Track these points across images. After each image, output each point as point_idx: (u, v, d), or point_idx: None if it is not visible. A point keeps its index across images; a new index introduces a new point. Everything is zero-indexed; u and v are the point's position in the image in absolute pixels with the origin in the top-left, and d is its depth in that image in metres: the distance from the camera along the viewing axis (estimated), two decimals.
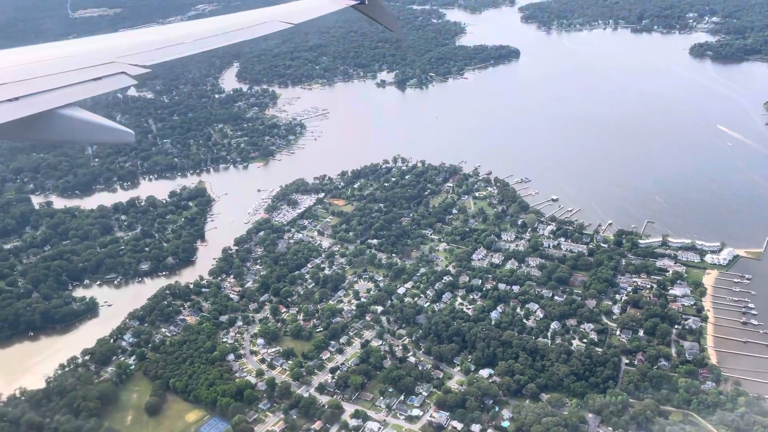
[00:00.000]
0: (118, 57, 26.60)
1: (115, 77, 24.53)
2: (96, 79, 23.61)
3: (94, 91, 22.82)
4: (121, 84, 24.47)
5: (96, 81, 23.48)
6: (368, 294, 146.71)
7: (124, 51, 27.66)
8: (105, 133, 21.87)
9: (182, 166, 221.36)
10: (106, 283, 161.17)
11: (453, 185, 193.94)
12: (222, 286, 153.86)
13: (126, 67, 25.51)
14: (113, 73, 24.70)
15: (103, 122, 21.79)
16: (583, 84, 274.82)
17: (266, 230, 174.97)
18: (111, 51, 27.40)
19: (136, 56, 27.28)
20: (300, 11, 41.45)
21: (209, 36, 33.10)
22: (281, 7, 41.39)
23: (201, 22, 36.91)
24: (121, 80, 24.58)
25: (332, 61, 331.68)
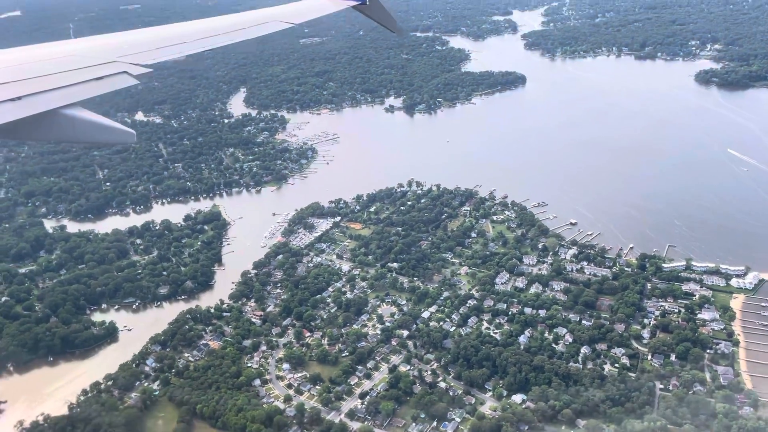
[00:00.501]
0: (119, 56, 26.54)
1: (118, 77, 24.48)
2: (98, 78, 23.58)
3: (96, 90, 22.77)
4: (123, 84, 24.36)
5: (98, 80, 23.47)
6: (392, 318, 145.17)
7: (125, 50, 27.58)
8: (107, 133, 21.75)
9: (195, 190, 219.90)
10: (124, 308, 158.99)
11: (470, 209, 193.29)
12: (243, 311, 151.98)
13: (128, 67, 25.51)
14: (115, 73, 24.65)
15: (105, 122, 21.67)
16: (591, 109, 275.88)
17: (285, 254, 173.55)
18: (112, 50, 27.33)
19: (137, 55, 27.29)
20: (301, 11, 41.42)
21: (211, 35, 32.81)
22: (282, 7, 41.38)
23: (202, 22, 36.09)
24: (124, 80, 24.50)
25: (340, 86, 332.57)
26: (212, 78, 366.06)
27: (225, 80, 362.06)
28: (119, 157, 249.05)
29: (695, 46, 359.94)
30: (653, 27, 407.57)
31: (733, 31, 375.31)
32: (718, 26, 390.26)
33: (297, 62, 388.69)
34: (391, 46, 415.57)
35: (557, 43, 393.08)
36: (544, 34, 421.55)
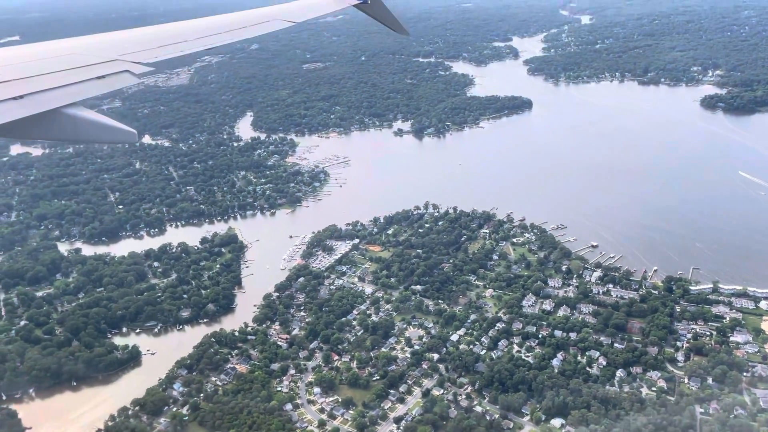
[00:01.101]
0: (120, 54, 26.62)
1: (119, 75, 24.52)
2: (100, 77, 23.66)
3: (98, 89, 22.87)
4: (125, 83, 24.42)
5: (100, 79, 23.55)
6: (421, 341, 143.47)
7: (126, 48, 27.70)
8: (108, 132, 21.74)
9: (210, 213, 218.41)
10: (145, 331, 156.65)
11: (488, 231, 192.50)
12: (268, 334, 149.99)
13: (129, 65, 25.59)
14: (117, 72, 24.71)
15: (107, 121, 21.64)
16: (600, 133, 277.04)
17: (306, 276, 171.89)
18: (112, 48, 27.46)
19: (138, 54, 27.36)
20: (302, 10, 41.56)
21: (211, 34, 33.03)
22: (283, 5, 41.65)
23: (203, 20, 36.35)
24: (125, 79, 24.56)
25: (347, 110, 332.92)
26: (218, 102, 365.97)
27: (231, 104, 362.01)
28: (130, 180, 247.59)
29: (697, 72, 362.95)
30: (654, 53, 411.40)
31: (733, 57, 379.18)
32: (718, 53, 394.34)
33: (302, 86, 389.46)
34: (395, 71, 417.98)
35: (560, 68, 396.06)
36: (546, 60, 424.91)
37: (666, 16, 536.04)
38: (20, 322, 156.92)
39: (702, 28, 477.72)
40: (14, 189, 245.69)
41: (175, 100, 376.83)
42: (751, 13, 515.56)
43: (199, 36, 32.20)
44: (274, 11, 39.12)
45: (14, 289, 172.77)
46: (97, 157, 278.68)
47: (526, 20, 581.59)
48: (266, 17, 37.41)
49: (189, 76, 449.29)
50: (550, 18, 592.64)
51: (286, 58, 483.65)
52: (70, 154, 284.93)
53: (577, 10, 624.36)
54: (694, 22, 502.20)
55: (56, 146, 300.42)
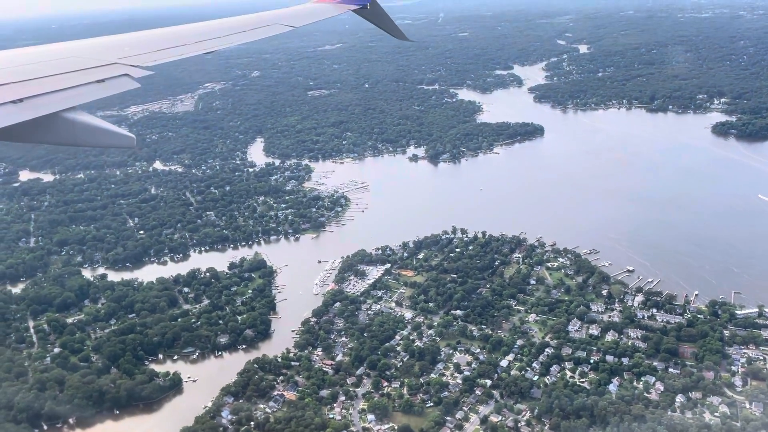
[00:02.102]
0: (120, 58, 26.53)
1: (119, 79, 24.42)
2: (99, 81, 23.50)
3: (98, 93, 22.73)
4: (124, 87, 24.30)
5: (99, 83, 23.37)
6: (470, 367, 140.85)
7: (125, 52, 27.60)
8: (107, 136, 21.37)
9: (234, 238, 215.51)
10: (182, 358, 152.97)
11: (521, 256, 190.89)
12: (312, 359, 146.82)
13: (129, 69, 25.51)
14: (116, 75, 24.60)
15: (106, 126, 21.41)
16: (617, 160, 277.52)
17: (342, 301, 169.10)
18: (111, 52, 27.33)
19: (137, 57, 27.29)
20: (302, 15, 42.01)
21: (211, 38, 33.02)
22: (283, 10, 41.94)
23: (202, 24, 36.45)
24: (125, 83, 24.46)
25: (359, 136, 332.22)
26: (227, 128, 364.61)
27: (240, 130, 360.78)
28: (149, 205, 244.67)
29: (703, 99, 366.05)
30: (657, 81, 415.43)
31: (737, 85, 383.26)
32: (721, 81, 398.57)
33: (310, 113, 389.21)
34: (401, 98, 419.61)
35: (567, 95, 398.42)
36: (551, 88, 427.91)
37: (663, 45, 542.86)
38: (53, 349, 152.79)
39: (701, 57, 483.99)
40: (29, 215, 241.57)
41: (183, 126, 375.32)
42: (747, 43, 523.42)
43: (198, 40, 32.25)
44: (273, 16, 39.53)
45: (43, 316, 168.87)
46: (111, 183, 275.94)
47: (524, 49, 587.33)
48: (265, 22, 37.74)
49: (193, 102, 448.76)
50: (548, 47, 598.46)
51: (289, 85, 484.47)
52: (82, 180, 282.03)
53: (573, 40, 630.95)
54: (692, 51, 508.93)
55: (67, 172, 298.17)
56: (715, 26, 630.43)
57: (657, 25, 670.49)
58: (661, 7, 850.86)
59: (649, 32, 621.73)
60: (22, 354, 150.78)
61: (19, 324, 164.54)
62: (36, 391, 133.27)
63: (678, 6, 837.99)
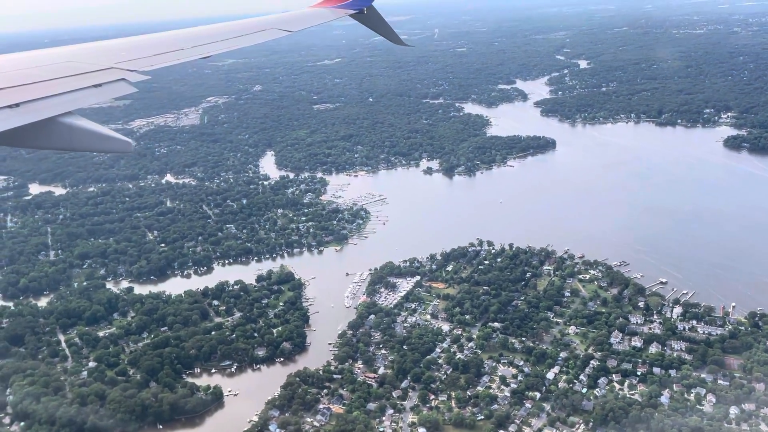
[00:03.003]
0: (116, 63, 26.49)
1: (116, 84, 24.36)
2: (96, 85, 23.49)
3: (95, 98, 22.77)
4: (121, 91, 24.23)
5: (96, 88, 23.37)
6: (516, 379, 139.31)
7: (122, 56, 27.61)
8: (104, 141, 21.31)
9: (257, 251, 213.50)
10: (219, 371, 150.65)
11: (551, 268, 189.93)
12: (354, 372, 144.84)
13: (126, 74, 25.48)
14: (113, 80, 24.55)
15: (102, 131, 21.28)
16: (634, 173, 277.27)
17: (378, 314, 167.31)
18: (108, 56, 27.39)
19: (134, 62, 27.26)
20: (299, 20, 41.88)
21: (208, 42, 33.07)
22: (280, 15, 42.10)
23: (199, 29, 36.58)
24: (122, 88, 24.37)
25: (370, 149, 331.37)
26: (236, 141, 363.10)
27: (249, 143, 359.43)
28: (167, 218, 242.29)
29: (710, 114, 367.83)
30: (663, 96, 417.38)
31: (743, 100, 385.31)
32: (726, 96, 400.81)
33: (318, 126, 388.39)
34: (408, 112, 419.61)
35: (574, 109, 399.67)
36: (557, 102, 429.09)
37: (664, 61, 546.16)
38: (88, 363, 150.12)
39: (702, 73, 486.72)
40: (45, 228, 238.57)
41: (190, 139, 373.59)
42: (746, 58, 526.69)
43: (195, 44, 32.10)
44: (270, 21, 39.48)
45: (73, 329, 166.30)
46: (125, 196, 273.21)
47: (525, 64, 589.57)
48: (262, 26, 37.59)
49: (198, 116, 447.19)
50: (548, 62, 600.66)
51: (293, 99, 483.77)
52: (95, 193, 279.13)
53: (572, 55, 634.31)
54: (693, 67, 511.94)
55: (78, 185, 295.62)
56: (712, 42, 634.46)
57: (654, 42, 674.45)
58: (655, 23, 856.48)
59: (646, 48, 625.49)
60: (56, 368, 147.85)
61: (50, 338, 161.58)
62: (77, 406, 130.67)
63: (672, 23, 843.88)
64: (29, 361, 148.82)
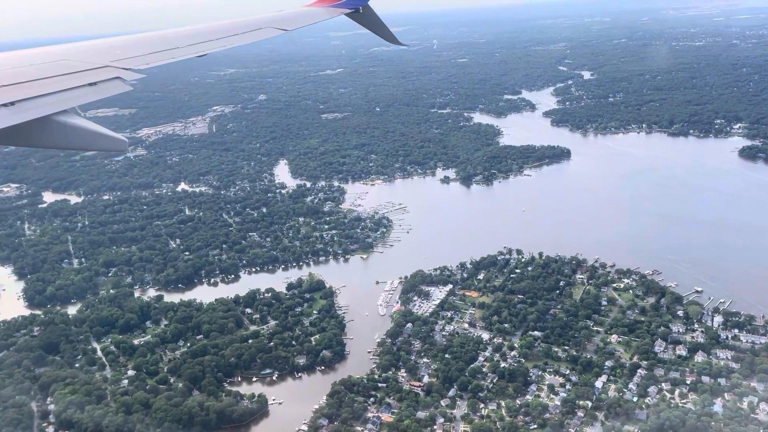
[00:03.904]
0: (112, 61, 26.45)
1: (111, 83, 24.33)
2: (91, 84, 23.47)
3: (90, 97, 22.73)
4: (116, 90, 24.18)
5: (91, 86, 23.34)
6: (564, 388, 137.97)
7: (117, 55, 27.53)
8: (99, 140, 21.21)
9: (284, 259, 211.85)
10: (260, 379, 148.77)
11: (584, 277, 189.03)
12: (398, 380, 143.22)
13: (121, 72, 25.45)
14: (108, 78, 24.52)
15: (97, 129, 21.18)
16: (654, 183, 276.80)
17: (415, 322, 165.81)
18: (103, 55, 27.30)
19: (129, 60, 27.18)
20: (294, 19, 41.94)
21: (203, 41, 33.10)
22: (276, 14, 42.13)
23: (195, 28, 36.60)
24: (117, 86, 24.33)
25: (385, 158, 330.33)
26: (248, 150, 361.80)
27: (261, 152, 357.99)
28: (188, 227, 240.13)
29: (721, 124, 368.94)
30: (671, 107, 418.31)
31: (753, 111, 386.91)
32: (735, 107, 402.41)
33: (328, 136, 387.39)
34: (417, 121, 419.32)
35: (584, 119, 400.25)
36: (567, 112, 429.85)
37: (668, 72, 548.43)
38: (126, 371, 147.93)
39: (708, 84, 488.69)
40: (66, 236, 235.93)
41: (201, 148, 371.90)
42: (750, 70, 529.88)
43: (190, 43, 32.06)
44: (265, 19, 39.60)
45: (107, 338, 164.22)
46: (142, 204, 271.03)
47: (529, 75, 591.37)
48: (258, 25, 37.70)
49: (206, 125, 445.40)
50: (551, 73, 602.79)
51: (300, 109, 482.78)
52: (111, 201, 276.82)
53: (574, 66, 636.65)
54: (698, 78, 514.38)
55: (93, 193, 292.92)
56: (713, 54, 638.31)
57: (655, 53, 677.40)
58: (653, 36, 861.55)
59: (648, 60, 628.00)
60: (95, 376, 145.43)
61: (84, 346, 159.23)
62: (123, 415, 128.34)
63: (671, 35, 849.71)
64: (67, 369, 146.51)
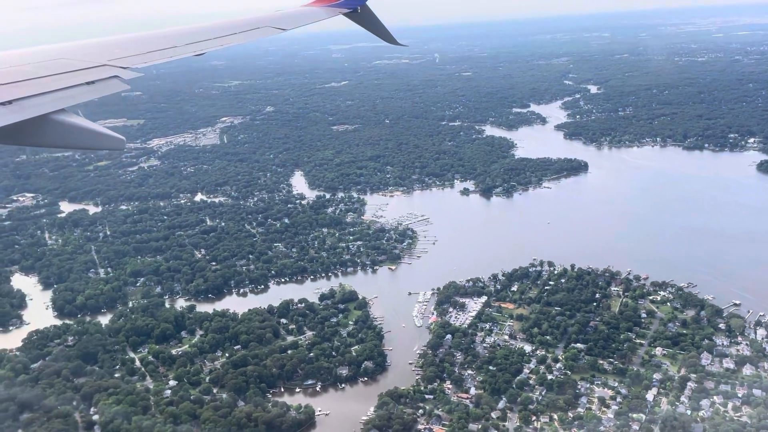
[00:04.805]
0: (109, 60, 26.48)
1: (108, 81, 24.35)
2: (89, 83, 23.46)
3: (88, 95, 22.68)
4: (114, 89, 24.19)
5: (89, 85, 23.34)
6: (615, 401, 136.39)
7: (115, 54, 27.50)
8: (97, 139, 21.08)
9: (312, 270, 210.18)
10: (303, 390, 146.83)
11: (619, 289, 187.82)
12: (445, 392, 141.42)
13: (118, 71, 25.42)
14: (106, 77, 24.52)
15: (96, 128, 21.12)
16: (677, 197, 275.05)
17: (456, 334, 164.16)
18: (101, 54, 27.25)
19: (127, 59, 27.19)
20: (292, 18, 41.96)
21: (201, 40, 33.04)
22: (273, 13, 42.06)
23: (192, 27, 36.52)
24: (115, 85, 24.35)
25: (401, 170, 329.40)
26: (262, 161, 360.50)
27: (276, 163, 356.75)
28: (212, 237, 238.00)
29: (735, 138, 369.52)
30: (683, 121, 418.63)
31: (765, 125, 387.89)
32: (747, 121, 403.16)
33: (341, 147, 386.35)
34: (429, 133, 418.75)
35: (598, 133, 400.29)
36: (579, 125, 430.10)
37: (675, 86, 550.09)
38: (168, 381, 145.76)
39: (716, 99, 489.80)
40: (89, 246, 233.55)
41: (215, 158, 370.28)
42: (757, 86, 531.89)
43: (188, 42, 32.00)
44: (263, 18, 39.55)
45: (143, 347, 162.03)
46: (162, 214, 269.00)
47: (535, 88, 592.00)
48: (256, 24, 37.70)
49: (217, 136, 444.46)
50: (557, 87, 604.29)
51: (309, 120, 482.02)
52: (131, 211, 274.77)
53: (579, 80, 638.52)
54: (706, 93, 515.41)
55: (110, 203, 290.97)
56: (717, 70, 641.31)
57: (658, 68, 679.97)
58: (654, 51, 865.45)
59: (652, 75, 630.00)
60: (136, 386, 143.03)
61: (122, 356, 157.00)
62: (171, 425, 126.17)
63: (672, 50, 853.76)
64: (109, 379, 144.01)
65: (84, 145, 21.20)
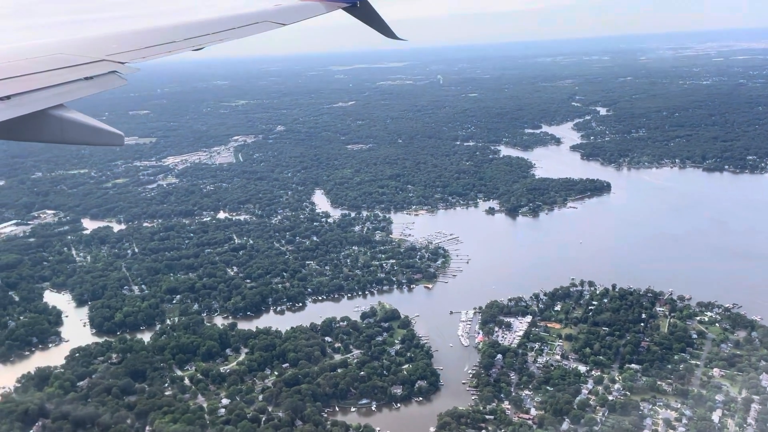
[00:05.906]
0: (107, 55, 26.36)
1: (107, 77, 24.25)
2: (87, 78, 23.35)
3: (86, 91, 22.61)
4: (112, 84, 24.10)
5: (87, 80, 23.23)
6: (681, 423, 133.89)
7: (113, 49, 27.40)
8: (95, 134, 20.88)
9: (349, 288, 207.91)
10: (357, 410, 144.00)
11: (665, 309, 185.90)
12: (506, 412, 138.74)
13: (117, 66, 25.39)
14: (104, 73, 24.41)
15: (93, 123, 20.91)
16: (708, 219, 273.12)
17: (507, 353, 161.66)
18: (99, 49, 27.10)
19: (125, 54, 27.11)
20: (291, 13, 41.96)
21: (200, 35, 32.87)
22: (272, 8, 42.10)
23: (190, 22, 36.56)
24: (113, 80, 24.29)
25: (423, 189, 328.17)
26: (281, 179, 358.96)
27: (295, 181, 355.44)
28: (244, 255, 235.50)
29: (754, 160, 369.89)
30: (700, 143, 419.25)
31: None
32: (764, 143, 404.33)
33: (360, 166, 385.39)
34: (446, 153, 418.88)
35: (616, 154, 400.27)
36: (595, 146, 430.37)
37: (685, 109, 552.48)
38: (221, 401, 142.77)
39: (728, 121, 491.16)
40: (119, 263, 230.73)
41: (233, 177, 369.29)
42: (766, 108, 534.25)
43: (186, 37, 31.94)
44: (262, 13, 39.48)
45: (189, 365, 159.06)
46: (188, 232, 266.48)
47: (545, 110, 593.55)
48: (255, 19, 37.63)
49: (231, 154, 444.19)
50: (567, 108, 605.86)
51: (323, 139, 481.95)
52: (157, 228, 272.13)
53: (587, 102, 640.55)
54: (717, 115, 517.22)
55: (133, 220, 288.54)
56: (723, 93, 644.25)
57: (665, 91, 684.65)
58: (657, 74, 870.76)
59: (660, 97, 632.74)
60: (189, 404, 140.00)
61: (171, 373, 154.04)
62: None
63: (676, 74, 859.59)
64: (161, 397, 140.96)
65: (83, 140, 20.91)
